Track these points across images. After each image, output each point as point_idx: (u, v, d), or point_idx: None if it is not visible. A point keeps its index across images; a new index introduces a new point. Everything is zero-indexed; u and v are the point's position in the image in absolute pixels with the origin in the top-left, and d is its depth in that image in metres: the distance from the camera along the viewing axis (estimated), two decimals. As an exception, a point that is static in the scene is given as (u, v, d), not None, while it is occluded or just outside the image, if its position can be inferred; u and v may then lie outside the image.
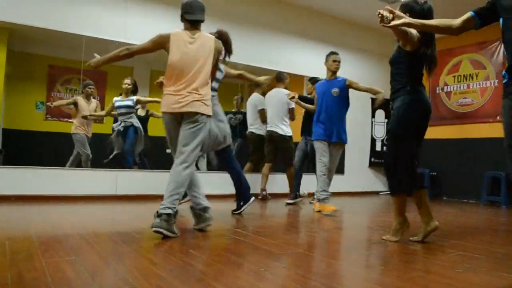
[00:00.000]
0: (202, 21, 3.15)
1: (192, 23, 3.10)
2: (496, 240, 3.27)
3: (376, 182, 7.84)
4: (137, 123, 6.03)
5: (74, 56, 3.26)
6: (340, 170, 7.31)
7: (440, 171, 7.32)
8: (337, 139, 4.67)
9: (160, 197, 3.00)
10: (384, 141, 7.51)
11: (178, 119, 3.02)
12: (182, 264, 2.08)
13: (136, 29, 5.39)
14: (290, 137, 5.65)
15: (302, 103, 5.13)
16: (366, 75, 7.41)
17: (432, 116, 3.07)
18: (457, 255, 2.54)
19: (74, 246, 2.41)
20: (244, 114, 6.75)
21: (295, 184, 5.47)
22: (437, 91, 7.52)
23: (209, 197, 3.29)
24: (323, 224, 3.77)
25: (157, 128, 7.89)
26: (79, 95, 6.09)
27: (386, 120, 7.32)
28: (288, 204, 5.28)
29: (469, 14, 2.27)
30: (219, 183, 5.77)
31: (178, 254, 2.32)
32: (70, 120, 6.24)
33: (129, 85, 6.00)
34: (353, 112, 7.26)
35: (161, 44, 3.04)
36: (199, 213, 3.12)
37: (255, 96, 6.01)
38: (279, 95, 5.61)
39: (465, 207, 5.80)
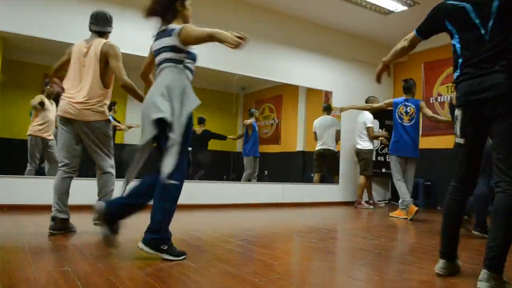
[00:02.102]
0: (106, 32, 3.28)
1: (97, 34, 3.23)
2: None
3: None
4: None
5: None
6: (328, 180, 7.34)
7: (434, 180, 7.34)
8: None
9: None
10: (379, 151, 7.53)
11: (70, 125, 3.12)
12: (177, 275, 2.07)
13: (131, 38, 5.40)
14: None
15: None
16: (360, 84, 7.47)
17: (428, 126, 3.06)
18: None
19: (67, 257, 2.38)
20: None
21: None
22: (431, 101, 7.57)
23: (203, 206, 3.27)
24: (318, 234, 3.77)
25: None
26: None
27: (380, 130, 7.36)
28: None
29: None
30: (215, 193, 5.77)
31: (173, 264, 2.30)
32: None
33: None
34: (348, 122, 7.35)
35: (69, 54, 3.23)
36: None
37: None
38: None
39: (460, 217, 5.80)
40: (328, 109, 7.46)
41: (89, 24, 3.27)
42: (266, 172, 8.01)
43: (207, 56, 5.91)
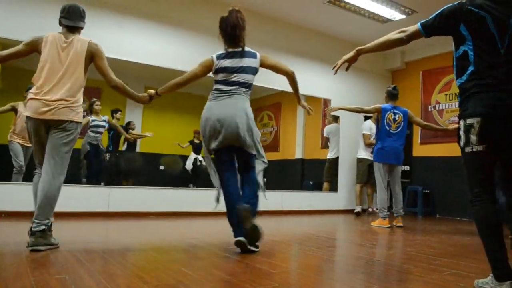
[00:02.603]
0: (79, 27, 3.09)
1: (69, 29, 3.04)
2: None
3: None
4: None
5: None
6: (334, 187, 7.33)
7: (433, 188, 7.34)
8: None
9: (152, 214, 3.00)
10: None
11: (45, 125, 2.87)
12: (174, 283, 2.05)
13: (130, 45, 5.42)
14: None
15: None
16: (358, 92, 7.49)
17: (426, 134, 3.04)
18: (450, 274, 2.53)
19: (65, 264, 2.37)
20: None
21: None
22: (429, 110, 7.59)
23: (201, 214, 3.26)
24: (316, 242, 3.75)
25: (148, 145, 7.93)
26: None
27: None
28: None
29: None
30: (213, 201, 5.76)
31: (170, 272, 2.29)
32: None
33: (100, 106, 6.70)
34: (348, 129, 7.36)
35: (33, 46, 2.97)
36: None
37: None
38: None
39: (459, 225, 5.80)
40: (335, 117, 7.58)
41: (60, 18, 3.05)
42: (264, 179, 8.00)
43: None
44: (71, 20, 3.03)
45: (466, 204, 2.64)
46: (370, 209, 7.08)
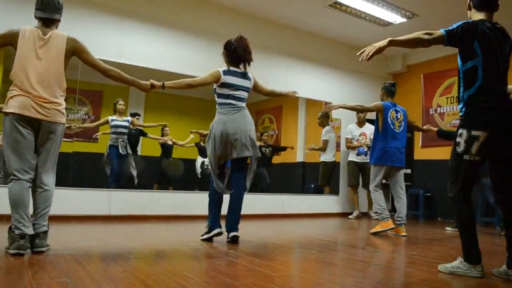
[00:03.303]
0: (54, 19, 2.90)
1: (44, 22, 2.86)
2: (490, 262, 3.25)
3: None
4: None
5: (70, 76, 3.27)
6: (335, 191, 7.33)
7: (434, 191, 7.33)
8: None
9: (153, 217, 3.01)
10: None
11: (33, 125, 2.72)
12: (175, 286, 2.05)
13: (132, 49, 5.44)
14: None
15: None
16: (359, 95, 7.49)
17: (427, 137, 3.13)
18: (452, 277, 2.52)
19: (66, 267, 2.37)
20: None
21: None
22: (431, 113, 7.59)
23: (200, 217, 3.25)
24: (318, 245, 3.75)
25: (149, 148, 7.93)
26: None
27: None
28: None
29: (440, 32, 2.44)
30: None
31: (172, 276, 2.28)
32: (68, 140, 6.26)
33: (124, 105, 6.37)
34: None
35: (8, 39, 2.78)
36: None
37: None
38: None
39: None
40: (326, 119, 7.53)
41: (34, 10, 2.87)
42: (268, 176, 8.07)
43: (207, 66, 5.93)
44: (46, 12, 2.84)
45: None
46: (371, 213, 6.96)
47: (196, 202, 5.67)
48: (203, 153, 8.38)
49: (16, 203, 2.69)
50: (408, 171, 7.42)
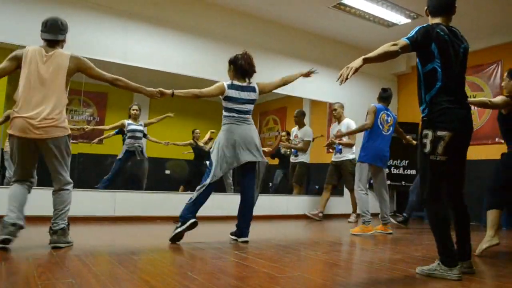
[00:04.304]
0: (59, 40, 3.10)
1: (49, 42, 3.06)
2: (497, 263, 3.25)
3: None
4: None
5: (75, 78, 3.30)
6: (340, 192, 7.30)
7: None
8: None
9: (158, 218, 3.03)
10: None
11: (31, 144, 2.93)
12: (180, 287, 2.05)
13: (135, 50, 5.45)
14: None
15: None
16: (363, 96, 7.48)
17: None
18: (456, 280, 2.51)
19: (71, 268, 2.38)
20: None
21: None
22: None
23: (205, 218, 3.25)
24: (322, 246, 3.74)
25: (153, 150, 7.95)
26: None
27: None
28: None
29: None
30: (217, 205, 5.76)
31: (176, 276, 2.29)
32: (73, 141, 6.28)
33: (137, 110, 6.32)
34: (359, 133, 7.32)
35: (16, 61, 2.99)
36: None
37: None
38: None
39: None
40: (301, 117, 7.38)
41: (40, 32, 3.08)
42: (270, 184, 8.01)
43: (211, 68, 5.96)
44: (50, 34, 3.05)
45: (472, 208, 2.68)
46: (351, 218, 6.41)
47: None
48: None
49: (11, 197, 2.95)
50: (413, 171, 7.39)
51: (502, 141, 3.82)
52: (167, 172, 8.40)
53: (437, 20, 2.62)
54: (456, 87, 2.53)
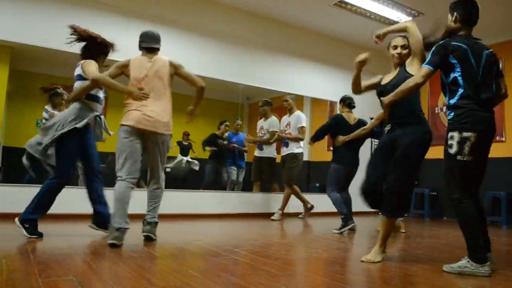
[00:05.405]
0: (156, 48, 3.49)
1: (148, 50, 3.44)
2: (497, 261, 3.24)
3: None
4: None
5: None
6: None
7: (440, 190, 7.30)
8: None
9: (159, 216, 3.05)
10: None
11: (144, 137, 3.26)
12: (181, 285, 2.06)
13: (137, 49, 5.43)
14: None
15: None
16: (365, 95, 7.46)
17: (433, 136, 3.15)
18: (457, 276, 2.51)
19: (72, 266, 2.38)
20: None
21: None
22: (436, 111, 7.56)
23: (205, 216, 3.25)
24: (323, 244, 3.75)
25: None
26: None
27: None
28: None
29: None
30: (217, 203, 5.77)
31: (177, 274, 2.29)
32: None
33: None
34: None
35: (121, 69, 3.37)
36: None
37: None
38: None
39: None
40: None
41: (140, 42, 3.49)
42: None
43: (212, 66, 5.96)
44: (149, 43, 3.46)
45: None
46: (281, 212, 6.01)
47: (200, 201, 5.69)
48: (184, 151, 8.33)
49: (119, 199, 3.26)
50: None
51: (503, 139, 3.84)
52: (168, 170, 8.40)
53: (463, 31, 2.76)
54: (479, 92, 2.62)
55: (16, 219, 3.38)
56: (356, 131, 4.73)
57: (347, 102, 5.06)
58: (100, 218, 3.63)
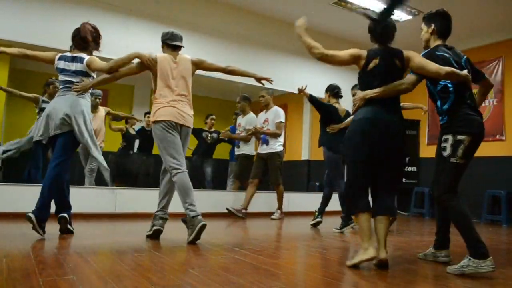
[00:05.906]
0: (180, 46, 3.69)
1: (172, 48, 3.64)
2: (496, 260, 3.24)
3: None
4: None
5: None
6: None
7: (440, 189, 7.29)
8: None
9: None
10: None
11: (179, 130, 3.49)
12: (181, 283, 2.06)
13: (137, 46, 5.43)
14: None
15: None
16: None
17: (433, 135, 3.20)
18: (457, 275, 2.51)
19: (72, 265, 2.39)
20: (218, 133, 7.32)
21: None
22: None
23: (205, 215, 3.26)
24: (323, 243, 3.75)
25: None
26: None
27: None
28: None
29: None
30: (216, 202, 5.76)
31: (177, 273, 2.30)
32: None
33: None
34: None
35: (149, 66, 3.49)
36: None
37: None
38: None
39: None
40: None
41: (165, 40, 3.65)
42: None
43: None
44: (175, 41, 3.65)
45: (473, 205, 2.69)
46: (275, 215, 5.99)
47: (200, 200, 5.68)
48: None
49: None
50: (414, 168, 7.40)
51: (503, 137, 3.85)
52: None
53: (438, 42, 2.92)
54: (468, 96, 2.73)
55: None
56: (347, 119, 4.60)
57: (334, 92, 4.92)
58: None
